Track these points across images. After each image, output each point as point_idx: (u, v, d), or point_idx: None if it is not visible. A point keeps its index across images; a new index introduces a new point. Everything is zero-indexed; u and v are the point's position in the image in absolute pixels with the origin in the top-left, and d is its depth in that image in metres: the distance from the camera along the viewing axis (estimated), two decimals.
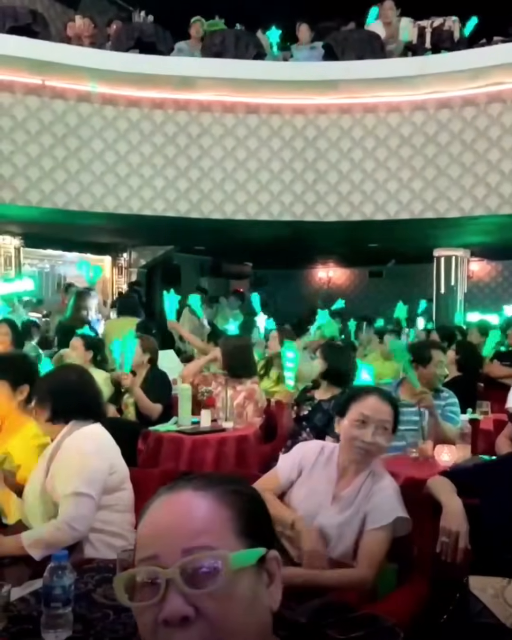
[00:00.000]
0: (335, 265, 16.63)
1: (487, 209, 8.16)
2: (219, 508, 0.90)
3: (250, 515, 0.92)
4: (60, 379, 2.57)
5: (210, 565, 0.85)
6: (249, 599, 0.87)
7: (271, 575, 0.92)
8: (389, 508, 2.18)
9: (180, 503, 0.91)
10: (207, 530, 0.88)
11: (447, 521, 2.16)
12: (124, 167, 8.35)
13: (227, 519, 0.90)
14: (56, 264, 11.65)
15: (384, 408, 2.29)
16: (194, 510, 0.90)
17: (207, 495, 0.91)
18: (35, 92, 7.99)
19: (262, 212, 8.53)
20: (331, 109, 8.52)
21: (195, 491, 0.92)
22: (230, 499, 0.92)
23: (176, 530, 0.88)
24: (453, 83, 8.02)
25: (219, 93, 8.38)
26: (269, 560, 0.91)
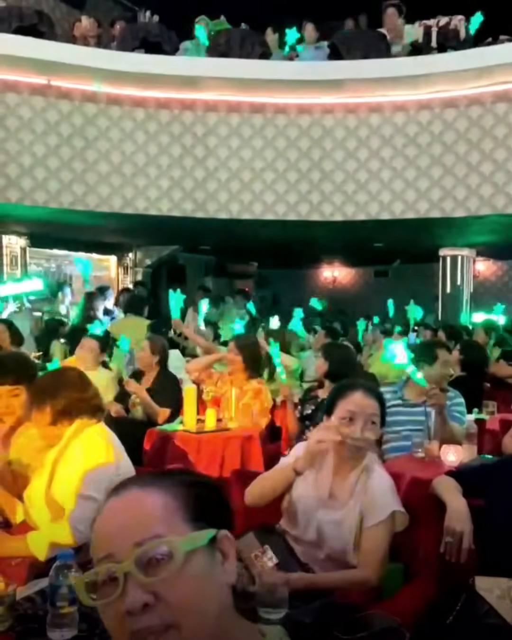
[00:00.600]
0: (340, 265, 16.61)
1: (493, 208, 8.14)
2: (166, 500, 0.95)
3: (199, 502, 0.97)
4: (57, 379, 2.54)
5: (162, 552, 0.90)
6: (203, 578, 0.92)
7: (224, 553, 0.97)
8: (384, 503, 2.19)
9: (128, 501, 0.96)
10: (156, 522, 0.93)
11: (451, 521, 2.16)
12: (130, 167, 8.36)
13: (175, 508, 0.95)
14: (62, 263, 11.66)
15: (370, 402, 2.29)
16: (142, 505, 0.95)
17: (153, 490, 0.96)
18: (41, 92, 8.01)
19: (267, 212, 8.53)
20: (337, 108, 8.51)
21: (142, 488, 0.97)
22: (177, 490, 0.97)
23: (127, 526, 0.93)
24: (459, 82, 8.00)
25: (224, 93, 8.38)
26: (220, 540, 0.96)
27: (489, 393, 5.28)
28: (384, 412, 2.34)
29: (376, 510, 2.17)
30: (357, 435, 2.24)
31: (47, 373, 2.83)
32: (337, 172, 8.52)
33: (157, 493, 0.96)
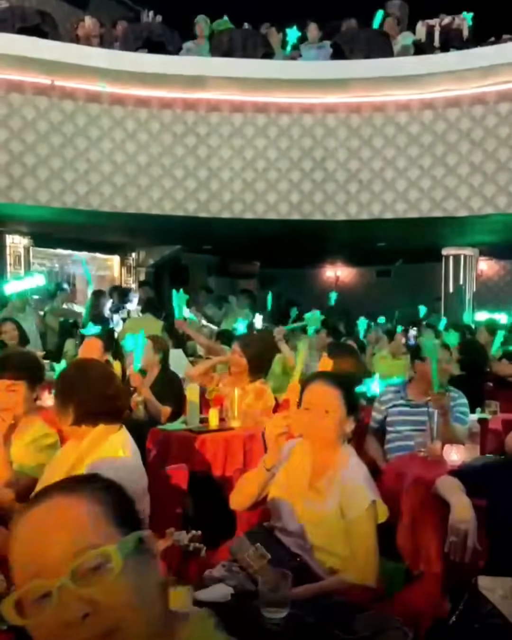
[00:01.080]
0: (343, 264, 16.60)
1: (496, 208, 8.13)
2: (91, 506, 0.94)
3: (119, 506, 0.98)
4: (82, 376, 2.42)
5: (99, 562, 0.90)
6: (139, 580, 0.93)
7: (151, 552, 0.98)
8: (362, 494, 2.19)
9: (52, 510, 0.94)
10: (87, 531, 0.92)
11: (455, 521, 2.16)
12: (133, 167, 8.37)
13: (101, 514, 0.94)
14: (65, 263, 11.68)
15: (327, 391, 2.29)
16: (68, 514, 0.93)
17: (77, 497, 0.95)
18: (45, 93, 8.02)
19: (270, 211, 8.54)
20: (340, 108, 8.51)
21: (66, 495, 0.96)
22: (99, 495, 0.97)
23: (57, 538, 0.91)
24: (462, 81, 7.99)
25: (227, 92, 8.38)
26: (146, 539, 0.97)
27: (491, 392, 5.27)
28: (351, 400, 2.33)
29: (356, 502, 2.18)
30: (312, 424, 2.25)
31: (71, 368, 2.72)
32: (340, 171, 8.52)
33: (81, 500, 0.95)
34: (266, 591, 1.72)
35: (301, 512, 2.24)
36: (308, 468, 2.32)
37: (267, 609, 1.71)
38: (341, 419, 2.28)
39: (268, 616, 1.70)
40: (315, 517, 2.21)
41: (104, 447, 2.31)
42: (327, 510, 2.21)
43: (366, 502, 2.16)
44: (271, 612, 1.71)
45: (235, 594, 1.85)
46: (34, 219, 9.18)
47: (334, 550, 2.20)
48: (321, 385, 2.33)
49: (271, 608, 1.71)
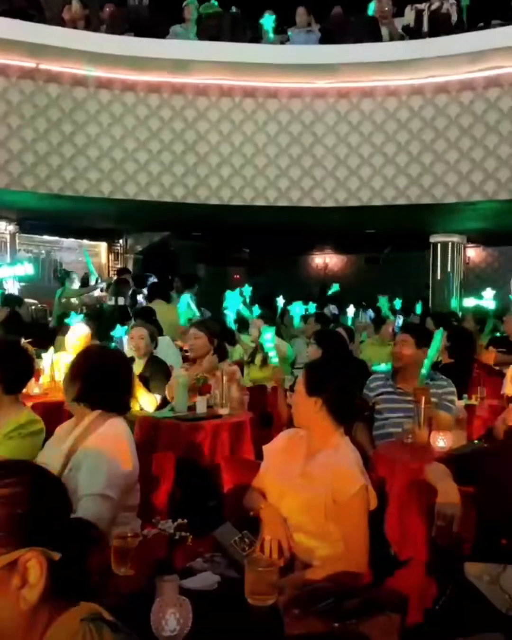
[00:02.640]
0: (331, 251, 16.59)
1: (484, 195, 8.13)
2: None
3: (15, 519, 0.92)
4: (97, 360, 2.46)
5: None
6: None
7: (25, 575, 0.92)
8: (353, 479, 2.20)
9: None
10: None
11: (442, 505, 2.17)
12: (120, 152, 8.29)
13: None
14: (52, 250, 11.59)
15: (301, 374, 2.45)
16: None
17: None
18: (30, 76, 7.91)
19: (258, 198, 8.49)
20: (329, 93, 8.46)
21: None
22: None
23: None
24: (451, 67, 7.95)
25: (215, 77, 8.30)
26: (21, 563, 0.92)
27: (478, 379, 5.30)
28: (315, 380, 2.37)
29: (347, 486, 2.19)
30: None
31: (90, 349, 2.73)
32: (329, 157, 8.47)
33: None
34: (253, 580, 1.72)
35: (291, 498, 2.25)
36: (302, 454, 2.34)
37: (253, 597, 1.71)
38: (301, 397, 2.34)
39: (254, 604, 1.70)
40: (305, 503, 2.22)
41: (101, 432, 2.30)
42: (317, 496, 2.21)
43: (356, 486, 2.18)
44: (257, 600, 1.71)
45: (222, 582, 1.85)
46: (20, 205, 9.09)
47: (325, 536, 2.20)
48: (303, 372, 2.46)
49: (257, 596, 1.71)
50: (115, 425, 2.34)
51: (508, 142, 8.03)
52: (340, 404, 2.35)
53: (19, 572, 0.92)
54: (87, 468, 2.22)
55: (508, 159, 8.03)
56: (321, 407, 2.31)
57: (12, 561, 0.91)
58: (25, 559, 0.92)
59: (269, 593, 1.72)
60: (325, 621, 1.72)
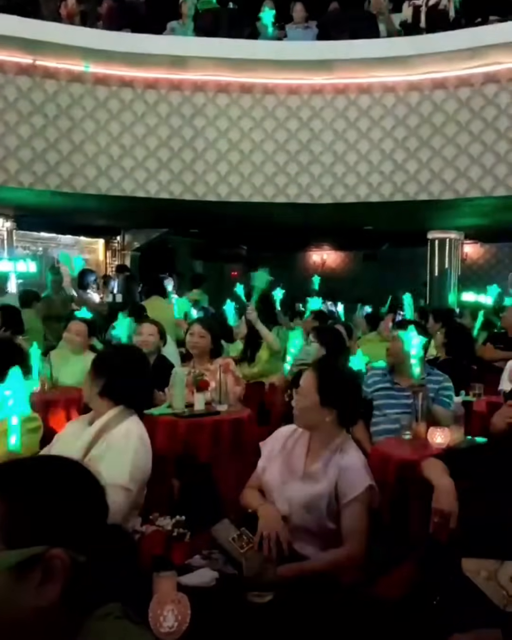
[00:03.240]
0: (329, 248, 16.58)
1: (481, 191, 8.12)
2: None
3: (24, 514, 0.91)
4: (124, 356, 2.58)
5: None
6: (6, 603, 0.87)
7: (48, 573, 0.91)
8: (359, 479, 2.22)
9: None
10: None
11: (438, 502, 2.18)
12: (117, 149, 8.27)
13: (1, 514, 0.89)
14: (49, 246, 11.58)
15: (307, 375, 2.42)
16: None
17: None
18: (27, 72, 7.88)
19: (256, 194, 8.48)
20: (326, 89, 8.44)
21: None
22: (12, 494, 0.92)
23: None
24: (449, 63, 7.94)
25: (212, 73, 8.28)
26: (46, 559, 0.91)
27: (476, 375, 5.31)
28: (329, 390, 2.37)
29: (351, 487, 2.21)
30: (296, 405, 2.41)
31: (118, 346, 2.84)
32: (326, 153, 8.46)
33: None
34: (251, 576, 1.72)
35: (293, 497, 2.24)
36: (302, 452, 2.33)
37: (251, 593, 1.71)
38: (313, 405, 2.31)
39: (253, 601, 1.70)
40: (308, 503, 2.22)
41: (125, 426, 2.35)
42: (320, 495, 2.21)
43: (362, 486, 2.19)
44: (255, 596, 1.71)
45: (220, 579, 1.85)
46: (17, 202, 9.06)
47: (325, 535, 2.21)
48: (309, 371, 2.44)
49: (255, 592, 1.71)
50: (137, 422, 2.40)
51: (506, 139, 8.02)
52: (352, 414, 2.38)
53: (41, 568, 0.91)
54: (111, 459, 2.24)
55: (506, 155, 8.02)
56: (334, 417, 2.33)
57: (37, 556, 0.90)
58: (49, 555, 0.91)
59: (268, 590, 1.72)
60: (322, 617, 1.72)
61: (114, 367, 2.45)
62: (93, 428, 2.36)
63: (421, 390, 3.31)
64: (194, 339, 4.30)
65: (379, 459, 2.99)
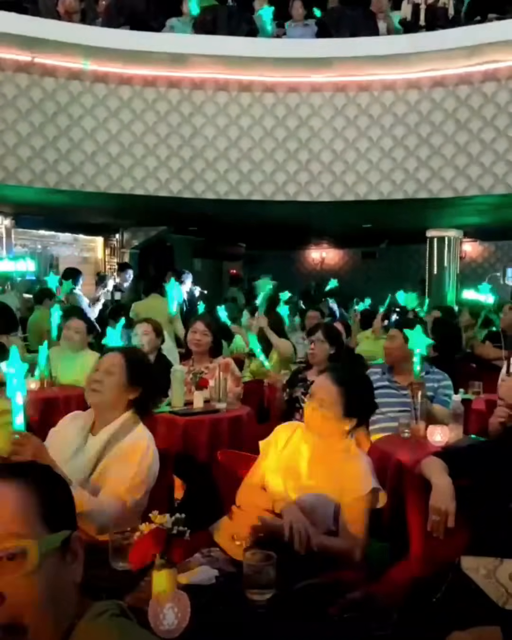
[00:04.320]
0: (328, 246, 16.58)
1: (480, 189, 8.12)
2: (25, 495, 0.95)
3: (54, 500, 0.98)
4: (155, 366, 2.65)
5: (17, 552, 0.91)
6: (52, 580, 0.93)
7: (74, 553, 0.99)
8: (363, 481, 2.21)
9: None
10: (13, 519, 0.92)
11: (436, 500, 2.19)
12: (116, 146, 8.26)
13: (33, 505, 0.95)
14: (48, 244, 11.56)
15: (326, 386, 2.36)
16: (2, 499, 0.94)
17: (13, 484, 0.96)
18: (25, 70, 7.87)
19: (255, 192, 8.47)
20: (325, 87, 8.43)
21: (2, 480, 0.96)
22: (36, 486, 0.97)
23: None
24: (448, 61, 7.93)
25: (211, 70, 8.26)
26: (72, 541, 0.98)
27: (475, 374, 5.31)
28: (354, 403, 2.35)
29: (355, 488, 2.20)
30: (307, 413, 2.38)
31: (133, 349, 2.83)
32: (326, 151, 8.45)
33: (16, 487, 0.95)
34: (251, 573, 1.72)
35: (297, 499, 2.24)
36: (306, 455, 2.32)
37: (251, 591, 1.71)
38: (335, 417, 2.30)
39: (253, 598, 1.71)
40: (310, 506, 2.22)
41: (130, 438, 2.34)
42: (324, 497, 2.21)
43: (367, 489, 2.19)
44: (255, 594, 1.71)
45: (221, 577, 1.85)
46: (16, 200, 9.05)
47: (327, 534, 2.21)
48: (324, 379, 2.39)
49: (255, 590, 1.71)
50: (144, 430, 2.41)
51: (505, 137, 8.02)
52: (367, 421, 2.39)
53: (72, 549, 0.98)
54: (116, 471, 2.25)
55: (505, 153, 8.02)
56: (353, 424, 2.33)
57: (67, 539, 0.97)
58: (75, 536, 0.99)
59: (268, 587, 1.72)
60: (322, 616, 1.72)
61: (149, 379, 2.46)
62: (101, 437, 2.34)
63: (418, 388, 3.31)
64: (197, 336, 4.29)
65: (378, 457, 2.99)
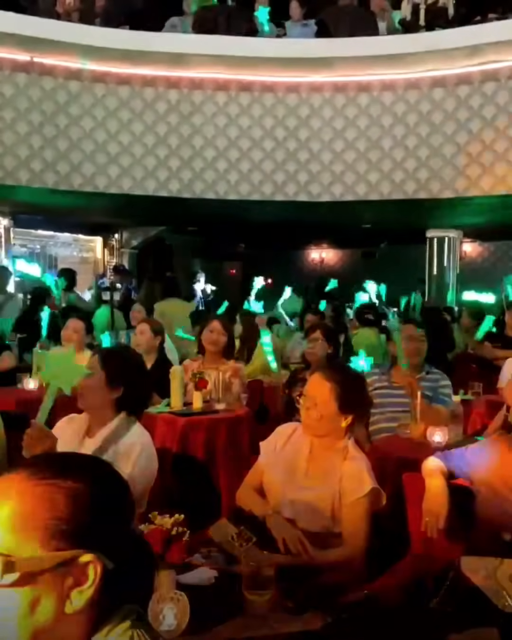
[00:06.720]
0: (328, 246, 16.58)
1: (480, 190, 8.12)
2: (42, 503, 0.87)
3: (74, 516, 0.87)
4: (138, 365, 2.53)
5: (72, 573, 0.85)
6: (27, 604, 0.84)
7: (79, 578, 0.87)
8: (362, 482, 2.21)
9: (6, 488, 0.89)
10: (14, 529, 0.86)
11: (428, 502, 2.21)
12: (115, 146, 8.25)
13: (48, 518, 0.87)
14: (47, 244, 11.55)
15: (320, 384, 2.33)
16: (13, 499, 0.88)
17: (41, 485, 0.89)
18: (24, 69, 7.86)
19: (254, 192, 8.46)
20: (325, 87, 8.42)
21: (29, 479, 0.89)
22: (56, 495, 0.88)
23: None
24: (448, 61, 7.92)
25: (211, 70, 8.26)
26: (80, 564, 0.87)
27: (475, 375, 5.31)
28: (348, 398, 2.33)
29: (354, 489, 2.20)
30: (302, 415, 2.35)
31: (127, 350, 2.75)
32: (325, 151, 8.45)
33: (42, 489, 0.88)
34: (249, 574, 1.72)
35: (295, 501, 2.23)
36: (305, 454, 2.32)
37: (250, 591, 1.71)
38: (330, 414, 2.28)
39: (252, 599, 1.70)
40: (311, 504, 2.21)
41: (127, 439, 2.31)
42: (324, 497, 2.21)
43: (367, 489, 2.18)
44: (254, 594, 1.70)
45: (219, 578, 1.85)
46: (15, 199, 9.03)
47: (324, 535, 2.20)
48: (317, 377, 2.36)
49: (254, 591, 1.71)
50: (142, 431, 2.37)
51: (505, 137, 8.01)
52: (365, 418, 2.38)
53: (75, 573, 0.87)
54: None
55: (505, 153, 8.01)
56: (350, 420, 2.31)
57: (69, 560, 0.86)
58: (84, 560, 0.87)
59: (267, 588, 1.71)
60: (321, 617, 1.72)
61: (131, 377, 2.38)
62: (97, 439, 2.31)
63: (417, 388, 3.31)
64: (214, 335, 4.27)
65: (378, 458, 2.99)
